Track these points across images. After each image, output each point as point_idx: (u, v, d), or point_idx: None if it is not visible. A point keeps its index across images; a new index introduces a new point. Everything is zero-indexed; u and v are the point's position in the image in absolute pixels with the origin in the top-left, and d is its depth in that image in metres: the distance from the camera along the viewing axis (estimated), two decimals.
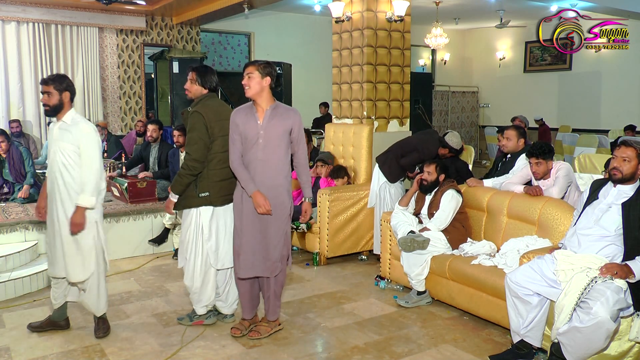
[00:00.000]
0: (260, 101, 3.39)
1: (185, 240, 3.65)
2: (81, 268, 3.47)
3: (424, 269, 4.10)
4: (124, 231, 5.43)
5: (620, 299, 2.81)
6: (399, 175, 5.19)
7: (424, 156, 4.98)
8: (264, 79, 3.36)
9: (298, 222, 5.27)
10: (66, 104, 3.47)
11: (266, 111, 3.39)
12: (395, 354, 3.38)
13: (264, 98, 3.40)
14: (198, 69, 3.63)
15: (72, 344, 3.50)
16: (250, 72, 3.36)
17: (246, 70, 3.38)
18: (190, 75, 3.62)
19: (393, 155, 5.17)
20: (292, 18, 11.56)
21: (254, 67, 3.37)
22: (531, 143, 4.45)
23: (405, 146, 5.18)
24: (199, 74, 3.60)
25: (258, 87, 3.36)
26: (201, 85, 3.60)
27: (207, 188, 3.53)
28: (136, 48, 9.80)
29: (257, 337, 3.56)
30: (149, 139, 6.19)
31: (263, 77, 3.36)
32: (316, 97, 10.76)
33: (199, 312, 3.75)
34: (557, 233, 3.67)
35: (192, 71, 3.63)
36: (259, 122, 3.38)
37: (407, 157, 5.09)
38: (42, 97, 3.46)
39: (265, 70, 3.37)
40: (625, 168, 3.02)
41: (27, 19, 8.59)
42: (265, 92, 3.39)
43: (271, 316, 3.65)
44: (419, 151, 5.04)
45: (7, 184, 5.94)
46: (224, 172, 3.55)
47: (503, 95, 13.90)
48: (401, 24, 5.73)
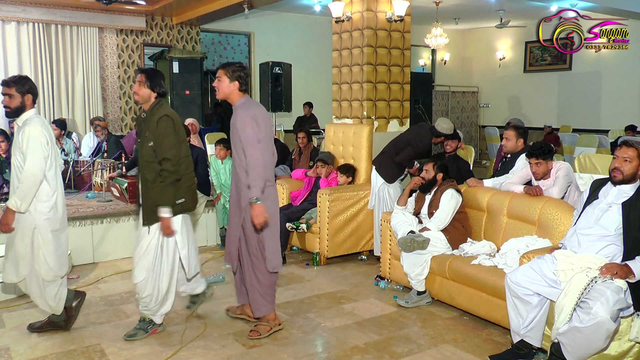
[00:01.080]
0: (232, 103, 3.55)
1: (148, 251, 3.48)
2: (13, 270, 3.50)
3: (424, 269, 4.10)
4: (124, 231, 5.42)
5: (620, 299, 2.81)
6: (396, 174, 5.19)
7: (418, 149, 4.99)
8: (232, 82, 3.47)
9: (298, 222, 5.29)
10: (28, 106, 3.48)
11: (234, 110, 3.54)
12: (395, 354, 3.38)
13: (233, 100, 3.53)
14: (147, 72, 3.56)
15: (72, 344, 3.50)
16: (220, 76, 3.49)
17: (217, 75, 3.51)
18: (139, 77, 3.52)
19: (388, 155, 5.18)
20: (292, 18, 11.56)
21: (222, 72, 3.48)
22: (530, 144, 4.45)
23: (399, 143, 5.19)
24: (148, 76, 3.50)
25: (227, 91, 3.49)
26: (150, 89, 3.49)
27: (182, 194, 3.48)
28: (136, 48, 9.80)
29: (257, 337, 3.57)
30: None
31: (231, 81, 3.47)
32: (316, 97, 10.76)
33: (157, 321, 3.66)
34: (557, 233, 3.67)
35: (141, 73, 3.54)
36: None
37: (402, 152, 5.09)
38: (4, 99, 3.45)
39: (234, 75, 3.46)
40: (627, 168, 3.02)
41: (27, 19, 8.59)
42: (234, 94, 3.50)
43: (255, 313, 3.69)
44: (412, 145, 5.06)
45: (7, 184, 5.94)
46: (191, 177, 3.58)
47: (503, 95, 13.91)
48: (401, 24, 5.73)
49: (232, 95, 3.51)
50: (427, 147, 5.00)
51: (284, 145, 7.50)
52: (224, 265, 5.16)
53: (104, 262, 5.30)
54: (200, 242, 5.88)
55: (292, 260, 5.44)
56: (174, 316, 3.93)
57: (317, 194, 5.30)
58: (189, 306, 3.99)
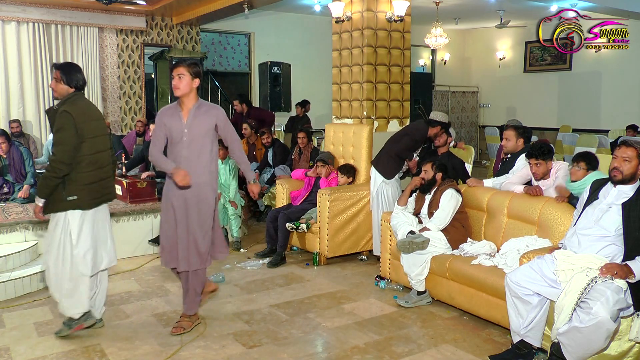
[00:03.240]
0: (186, 101, 3.47)
1: (51, 245, 3.48)
2: None
3: (424, 269, 4.10)
4: (124, 231, 5.42)
5: (620, 299, 2.81)
6: (395, 168, 5.16)
7: (415, 136, 5.01)
8: (194, 80, 3.45)
9: (298, 222, 5.29)
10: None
11: (190, 110, 3.47)
12: (395, 354, 3.38)
13: (190, 98, 3.48)
14: (63, 67, 3.47)
15: (72, 344, 3.50)
16: (182, 73, 3.42)
17: (177, 71, 3.43)
18: (55, 73, 3.44)
19: (385, 152, 5.19)
20: (292, 18, 11.56)
21: (185, 68, 3.42)
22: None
23: (395, 138, 5.22)
24: (64, 72, 3.43)
25: (187, 89, 3.44)
26: (67, 84, 3.42)
27: (75, 191, 3.39)
28: (136, 48, 9.80)
29: (181, 332, 3.61)
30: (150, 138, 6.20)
31: (193, 79, 3.44)
32: (316, 97, 10.76)
33: (76, 317, 3.56)
34: (557, 233, 3.66)
35: (56, 69, 3.45)
36: (184, 121, 3.46)
37: (400, 143, 5.10)
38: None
39: (195, 71, 3.45)
40: (626, 168, 3.02)
41: (27, 19, 8.59)
42: (192, 92, 3.48)
43: (188, 311, 3.70)
44: (409, 134, 5.09)
45: (7, 184, 5.94)
46: (93, 175, 3.47)
47: (503, 95, 13.90)
48: (401, 24, 5.73)
49: (192, 94, 3.47)
50: (424, 136, 4.99)
51: (283, 146, 7.50)
52: (224, 265, 5.17)
53: None
54: None
55: (292, 260, 5.44)
56: (174, 316, 3.93)
57: (317, 194, 5.30)
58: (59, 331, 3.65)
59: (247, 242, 6.06)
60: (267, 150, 7.19)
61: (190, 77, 3.42)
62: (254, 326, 3.79)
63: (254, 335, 3.65)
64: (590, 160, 3.77)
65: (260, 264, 5.22)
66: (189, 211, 3.49)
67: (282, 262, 5.27)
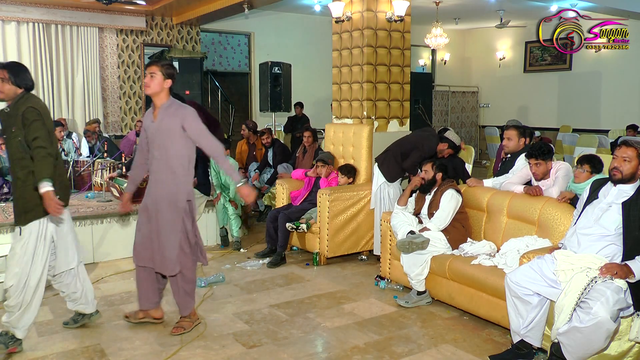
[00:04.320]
0: (157, 101, 3.47)
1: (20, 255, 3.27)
2: None
3: (423, 269, 4.10)
4: (124, 231, 5.42)
5: (620, 299, 2.81)
6: (398, 174, 5.18)
7: (424, 153, 4.98)
8: (166, 80, 3.42)
9: (298, 222, 5.29)
10: None
11: (159, 110, 3.46)
12: (395, 354, 3.38)
13: (161, 97, 3.46)
14: (10, 66, 3.29)
15: (72, 344, 3.50)
16: (154, 72, 3.39)
17: (150, 69, 3.41)
18: (1, 73, 3.24)
19: (392, 154, 5.16)
20: (292, 18, 11.56)
21: (157, 68, 3.40)
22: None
23: (405, 144, 5.17)
24: (12, 72, 3.25)
25: (158, 88, 3.41)
26: (15, 85, 3.26)
27: (58, 190, 3.23)
28: (136, 48, 9.80)
29: (182, 332, 3.62)
30: None
31: (165, 79, 3.42)
32: (316, 97, 10.76)
33: (20, 336, 3.36)
34: (557, 233, 3.67)
35: (2, 69, 3.25)
36: (154, 121, 3.46)
37: (410, 157, 5.07)
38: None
39: (168, 72, 3.42)
40: (626, 168, 3.02)
41: (27, 19, 8.59)
42: (164, 92, 3.45)
43: (183, 312, 3.69)
44: (419, 149, 5.04)
45: (7, 184, 5.94)
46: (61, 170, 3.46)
47: (503, 95, 13.90)
48: (401, 24, 5.73)
49: (162, 93, 3.44)
50: (433, 151, 5.00)
51: (283, 146, 7.50)
52: (224, 265, 5.17)
53: (104, 262, 5.30)
54: None
55: (292, 260, 5.44)
56: (174, 316, 3.93)
57: (317, 194, 5.30)
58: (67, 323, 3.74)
59: (247, 242, 6.06)
60: (267, 151, 7.19)
61: (163, 77, 3.40)
62: (254, 326, 3.79)
63: (254, 335, 3.65)
64: (595, 163, 3.79)
65: (260, 264, 5.22)
66: (160, 213, 3.47)
67: (282, 262, 5.27)
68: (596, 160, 3.81)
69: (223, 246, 5.86)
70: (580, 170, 3.80)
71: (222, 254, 5.61)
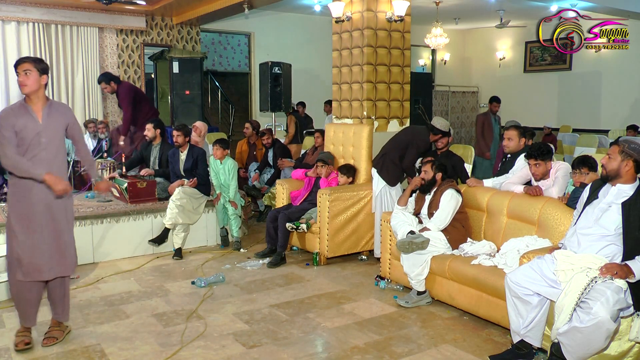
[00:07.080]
0: (35, 99, 3.29)
1: None
2: None
3: (424, 269, 4.10)
4: (124, 231, 5.42)
5: (620, 299, 2.81)
6: (398, 177, 5.19)
7: (420, 148, 4.99)
8: (42, 77, 3.28)
9: (298, 222, 5.28)
10: None
11: (44, 109, 3.31)
12: (395, 354, 3.38)
13: (40, 96, 3.30)
14: None
15: (72, 344, 3.50)
16: (29, 69, 3.23)
17: (23, 67, 3.24)
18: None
19: (389, 158, 5.17)
20: (292, 18, 11.56)
21: (31, 64, 3.24)
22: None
23: (399, 144, 5.19)
24: None
25: (36, 85, 3.26)
26: None
27: None
28: (136, 48, 9.80)
29: (54, 343, 3.46)
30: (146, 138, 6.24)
31: (41, 75, 3.28)
32: (316, 97, 10.75)
33: None
34: (557, 233, 3.67)
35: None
36: (39, 121, 3.28)
37: (406, 156, 5.09)
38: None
39: (42, 67, 3.28)
40: (609, 165, 3.08)
41: (27, 19, 8.58)
42: (41, 90, 3.31)
43: (65, 317, 3.59)
44: (413, 146, 5.06)
45: (7, 184, 5.93)
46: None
47: (503, 95, 13.78)
48: (401, 24, 5.73)
49: (40, 91, 3.29)
50: (428, 144, 5.01)
51: (284, 146, 7.51)
52: (224, 265, 5.17)
53: (104, 262, 5.30)
54: (201, 242, 5.88)
55: (292, 260, 5.44)
56: (174, 316, 3.93)
57: (317, 194, 5.30)
58: None
59: (247, 242, 6.06)
60: (267, 151, 7.20)
61: (38, 73, 3.25)
62: (254, 326, 3.79)
63: (254, 335, 3.65)
64: (590, 162, 3.88)
65: (260, 264, 5.22)
66: (55, 215, 3.35)
67: (282, 262, 5.28)
68: (588, 158, 3.92)
69: (223, 246, 5.86)
70: (580, 174, 3.85)
71: (222, 254, 5.62)
